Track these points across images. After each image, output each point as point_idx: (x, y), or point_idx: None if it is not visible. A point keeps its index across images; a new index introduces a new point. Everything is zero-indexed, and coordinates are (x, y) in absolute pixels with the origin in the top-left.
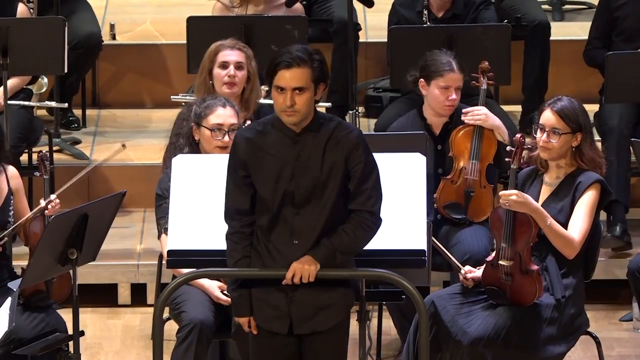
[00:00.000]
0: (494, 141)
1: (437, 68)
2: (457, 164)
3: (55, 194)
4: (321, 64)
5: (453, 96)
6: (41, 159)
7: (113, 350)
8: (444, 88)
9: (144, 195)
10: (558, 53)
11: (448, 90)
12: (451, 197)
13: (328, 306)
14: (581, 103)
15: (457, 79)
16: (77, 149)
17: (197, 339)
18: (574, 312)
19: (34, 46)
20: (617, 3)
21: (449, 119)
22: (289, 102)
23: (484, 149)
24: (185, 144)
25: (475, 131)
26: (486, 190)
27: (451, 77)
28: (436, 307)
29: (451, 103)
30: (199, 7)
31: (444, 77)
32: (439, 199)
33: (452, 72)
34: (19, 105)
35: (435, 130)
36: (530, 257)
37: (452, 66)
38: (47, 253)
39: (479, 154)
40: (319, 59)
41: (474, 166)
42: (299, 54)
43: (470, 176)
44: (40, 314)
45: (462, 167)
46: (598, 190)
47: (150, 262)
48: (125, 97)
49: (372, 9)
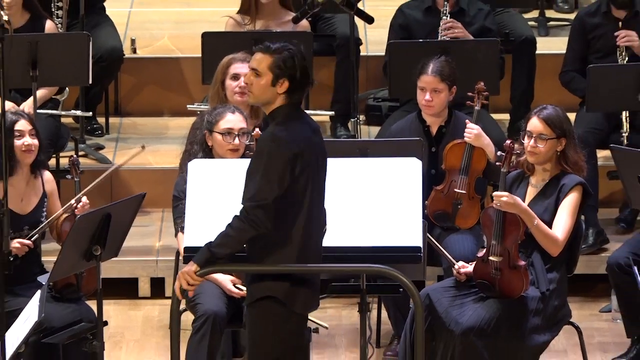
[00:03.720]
0: (484, 157)
1: (418, 70)
2: (448, 177)
3: (80, 194)
4: (286, 60)
5: (427, 97)
6: (72, 164)
7: (134, 339)
8: (420, 89)
9: (162, 197)
10: (543, 66)
11: (424, 91)
12: (440, 206)
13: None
14: (565, 111)
15: (429, 81)
16: (101, 154)
17: (211, 329)
18: (558, 304)
19: (61, 60)
20: (591, 26)
21: (444, 122)
22: (245, 80)
23: (474, 164)
24: (199, 150)
25: (466, 148)
26: (474, 200)
27: (424, 78)
28: (431, 300)
29: (427, 103)
30: (213, 24)
31: (419, 79)
32: (429, 207)
33: (425, 74)
34: (47, 114)
35: (432, 131)
36: (517, 254)
37: (425, 69)
38: (73, 249)
39: (469, 169)
40: (287, 56)
41: (463, 180)
42: (270, 44)
43: (459, 189)
44: (71, 305)
45: (452, 180)
46: (580, 192)
47: (168, 258)
48: (145, 106)
49: (372, 25)
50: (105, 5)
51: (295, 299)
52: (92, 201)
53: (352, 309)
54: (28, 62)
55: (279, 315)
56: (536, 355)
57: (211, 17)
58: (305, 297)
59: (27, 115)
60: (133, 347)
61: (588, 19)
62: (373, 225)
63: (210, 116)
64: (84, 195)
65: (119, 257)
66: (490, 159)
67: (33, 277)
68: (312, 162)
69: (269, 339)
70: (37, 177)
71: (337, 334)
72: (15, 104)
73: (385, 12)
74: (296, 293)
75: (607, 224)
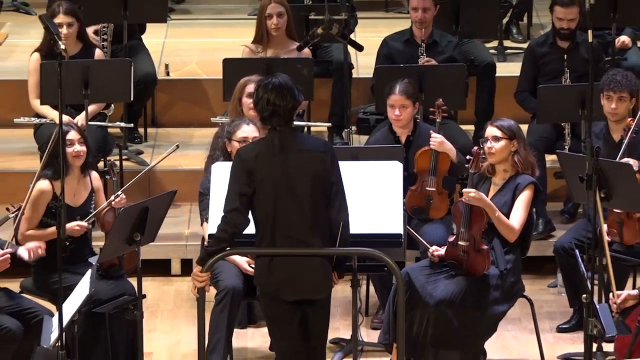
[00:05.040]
0: (448, 159)
1: (386, 91)
2: (420, 178)
3: (121, 190)
4: (255, 99)
5: (396, 112)
6: (110, 166)
7: (167, 309)
8: (390, 106)
9: (190, 193)
10: (502, 86)
11: (393, 108)
12: (416, 202)
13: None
14: (515, 121)
15: (397, 99)
16: (140, 158)
17: (230, 301)
18: (514, 280)
19: (107, 81)
20: (540, 54)
21: (411, 132)
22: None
23: (440, 166)
24: (221, 155)
25: (433, 153)
26: (442, 195)
27: (393, 97)
28: (410, 277)
29: (396, 118)
30: (232, 52)
31: (389, 98)
32: (407, 204)
33: (393, 94)
34: (96, 125)
35: (402, 140)
36: (481, 239)
37: (393, 89)
38: (118, 236)
39: (436, 170)
40: (255, 96)
41: (433, 180)
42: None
43: (430, 188)
44: (115, 281)
45: (423, 180)
46: (532, 190)
47: (195, 243)
48: (176, 119)
49: (362, 53)
50: (144, 36)
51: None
52: (132, 196)
53: (345, 284)
54: (81, 83)
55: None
56: (496, 323)
57: (230, 46)
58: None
59: (76, 126)
60: (166, 316)
61: (538, 48)
62: (363, 216)
63: (230, 127)
64: (124, 191)
65: (155, 242)
66: (453, 160)
67: (85, 258)
68: (270, 180)
69: None
70: (86, 176)
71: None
72: (70, 117)
73: (373, 42)
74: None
75: (553, 215)
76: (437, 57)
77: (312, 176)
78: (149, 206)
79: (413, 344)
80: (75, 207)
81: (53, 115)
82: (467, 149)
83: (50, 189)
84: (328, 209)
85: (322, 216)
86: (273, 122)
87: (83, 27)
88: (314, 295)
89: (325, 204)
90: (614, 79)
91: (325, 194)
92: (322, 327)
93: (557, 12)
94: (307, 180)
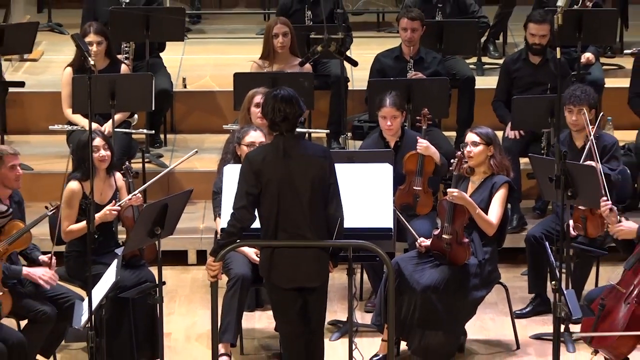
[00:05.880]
0: (432, 162)
1: (377, 104)
2: (408, 178)
3: (138, 190)
4: (264, 108)
5: (388, 123)
6: (126, 170)
7: (184, 295)
8: (382, 117)
9: (205, 192)
10: (480, 97)
11: (385, 119)
12: (404, 200)
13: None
14: (492, 130)
15: (388, 111)
16: (161, 161)
17: (240, 287)
18: (491, 269)
19: (132, 93)
20: (514, 69)
21: (399, 139)
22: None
23: (425, 168)
24: (232, 158)
25: (419, 157)
26: (428, 194)
27: (384, 110)
28: (399, 266)
29: (388, 127)
30: (242, 67)
31: (380, 110)
32: (396, 201)
33: (384, 106)
34: (122, 132)
35: (391, 145)
36: (463, 233)
37: (384, 102)
38: (141, 230)
39: (422, 171)
40: (263, 105)
41: (419, 180)
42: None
43: (417, 187)
44: (137, 270)
45: (411, 181)
46: (507, 189)
47: (209, 236)
48: (193, 126)
49: (356, 68)
50: (163, 54)
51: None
52: (154, 195)
53: (342, 272)
54: (108, 94)
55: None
56: (475, 306)
57: (240, 62)
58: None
59: (101, 134)
60: (184, 301)
61: (512, 64)
62: (357, 212)
63: (239, 133)
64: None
65: (173, 235)
66: (437, 162)
67: (111, 249)
68: (275, 182)
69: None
70: (111, 177)
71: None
72: (99, 124)
73: (366, 58)
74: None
75: (526, 211)
76: (424, 72)
77: (312, 178)
78: (168, 203)
79: (402, 325)
80: (102, 204)
81: (83, 123)
82: (450, 154)
83: (80, 188)
84: (326, 207)
85: (320, 214)
86: (282, 127)
87: (111, 45)
88: (308, 283)
89: (323, 203)
90: (574, 94)
91: (323, 194)
92: (320, 312)
93: (531, 29)
94: (307, 182)
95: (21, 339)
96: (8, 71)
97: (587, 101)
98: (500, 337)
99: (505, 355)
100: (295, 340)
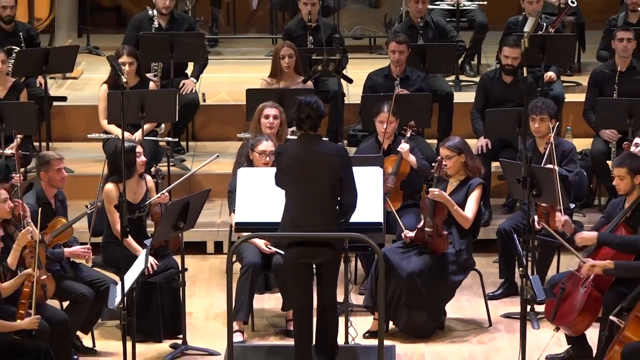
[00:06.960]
0: (408, 166)
1: (375, 110)
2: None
3: (164, 190)
4: (292, 110)
5: (385, 126)
6: (156, 172)
7: (204, 280)
8: (380, 122)
9: (221, 191)
10: (458, 110)
11: (382, 124)
12: None
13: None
14: (462, 139)
15: (385, 117)
16: (183, 164)
17: (252, 273)
18: (467, 257)
19: (158, 106)
20: (490, 86)
21: (391, 142)
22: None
23: (401, 170)
24: (245, 161)
25: (397, 160)
26: (399, 193)
27: (382, 115)
28: (387, 255)
29: (384, 131)
30: (253, 84)
31: (379, 116)
32: None
33: (382, 112)
34: (150, 139)
35: (385, 148)
36: (442, 226)
37: (382, 109)
38: (167, 224)
39: (397, 172)
40: (293, 108)
41: (392, 179)
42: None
43: (389, 184)
44: (163, 258)
45: (386, 179)
46: (481, 189)
47: (225, 229)
48: (211, 135)
49: (351, 84)
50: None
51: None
52: (177, 194)
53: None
54: (138, 108)
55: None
56: (454, 289)
57: (252, 79)
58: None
59: (138, 143)
60: (203, 285)
61: (488, 80)
62: None
63: (253, 140)
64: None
65: (194, 228)
66: (413, 166)
67: (141, 240)
68: (295, 167)
69: None
70: (143, 179)
71: None
72: (130, 133)
73: (360, 76)
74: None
75: (497, 208)
76: (409, 88)
77: (322, 171)
78: (189, 201)
79: (390, 306)
80: (134, 203)
81: (117, 132)
82: (432, 158)
83: (116, 189)
84: (340, 197)
85: (329, 204)
86: (306, 125)
87: (140, 65)
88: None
89: (332, 194)
90: (536, 105)
91: (333, 187)
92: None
93: (505, 52)
94: (318, 175)
95: (64, 317)
96: (52, 88)
97: (547, 110)
98: (475, 316)
99: (480, 332)
100: (304, 312)
